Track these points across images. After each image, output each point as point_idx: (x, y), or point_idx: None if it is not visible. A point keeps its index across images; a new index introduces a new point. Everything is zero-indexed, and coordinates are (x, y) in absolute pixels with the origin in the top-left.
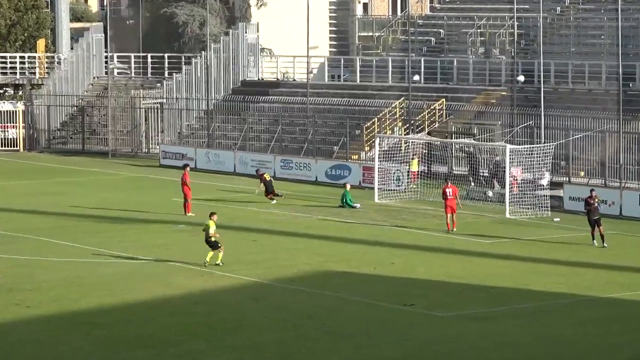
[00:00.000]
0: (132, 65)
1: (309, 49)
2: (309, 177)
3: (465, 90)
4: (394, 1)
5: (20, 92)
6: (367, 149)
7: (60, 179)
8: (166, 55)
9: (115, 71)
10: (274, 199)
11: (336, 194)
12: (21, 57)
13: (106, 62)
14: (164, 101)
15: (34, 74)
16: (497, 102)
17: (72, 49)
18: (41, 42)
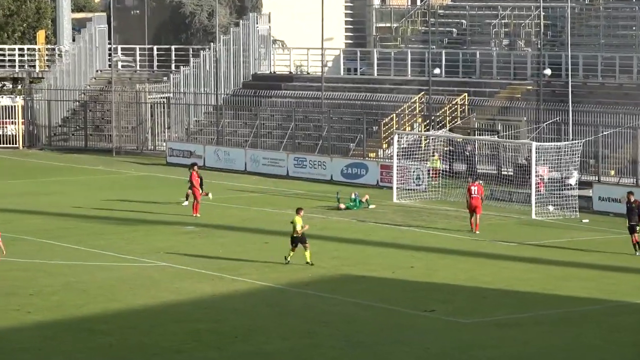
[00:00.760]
0: (137, 57)
1: (323, 40)
2: (324, 176)
3: (488, 84)
4: None
5: (19, 86)
6: (385, 146)
7: (61, 178)
8: (173, 47)
9: (119, 64)
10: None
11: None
12: (20, 49)
13: (110, 55)
14: (171, 96)
15: (34, 67)
16: (522, 97)
17: (73, 40)
18: (41, 34)
